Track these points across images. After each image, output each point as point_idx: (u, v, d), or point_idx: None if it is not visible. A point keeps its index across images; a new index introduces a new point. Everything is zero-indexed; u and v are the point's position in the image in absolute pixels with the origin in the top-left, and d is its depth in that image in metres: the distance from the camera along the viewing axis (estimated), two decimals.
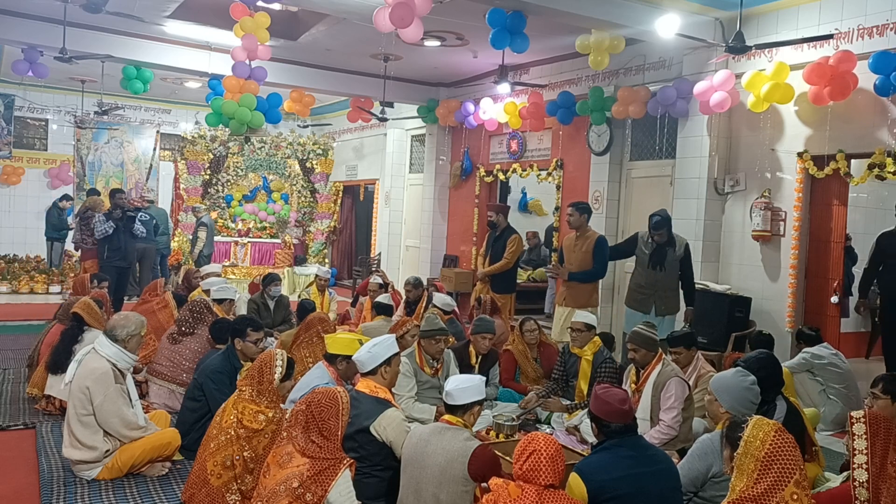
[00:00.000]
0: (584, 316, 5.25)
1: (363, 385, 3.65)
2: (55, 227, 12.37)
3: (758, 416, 2.70)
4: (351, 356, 4.00)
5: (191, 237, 11.84)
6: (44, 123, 13.64)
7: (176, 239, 12.57)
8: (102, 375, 3.96)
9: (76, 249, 10.98)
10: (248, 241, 13.27)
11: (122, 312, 4.47)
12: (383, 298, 6.85)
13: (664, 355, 4.59)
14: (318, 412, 3.16)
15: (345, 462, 3.13)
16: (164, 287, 7.27)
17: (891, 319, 6.25)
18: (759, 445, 2.52)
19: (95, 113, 12.11)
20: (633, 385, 4.59)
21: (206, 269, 8.32)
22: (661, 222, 6.13)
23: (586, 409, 4.14)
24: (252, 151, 13.71)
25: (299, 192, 14.18)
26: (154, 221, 10.67)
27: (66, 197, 12.44)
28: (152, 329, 6.22)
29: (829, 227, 6.53)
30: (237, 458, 3.50)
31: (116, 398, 3.99)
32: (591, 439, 3.94)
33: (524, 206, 12.53)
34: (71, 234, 12.39)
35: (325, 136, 14.49)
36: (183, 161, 13.45)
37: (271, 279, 7.59)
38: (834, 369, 5.49)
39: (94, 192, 10.98)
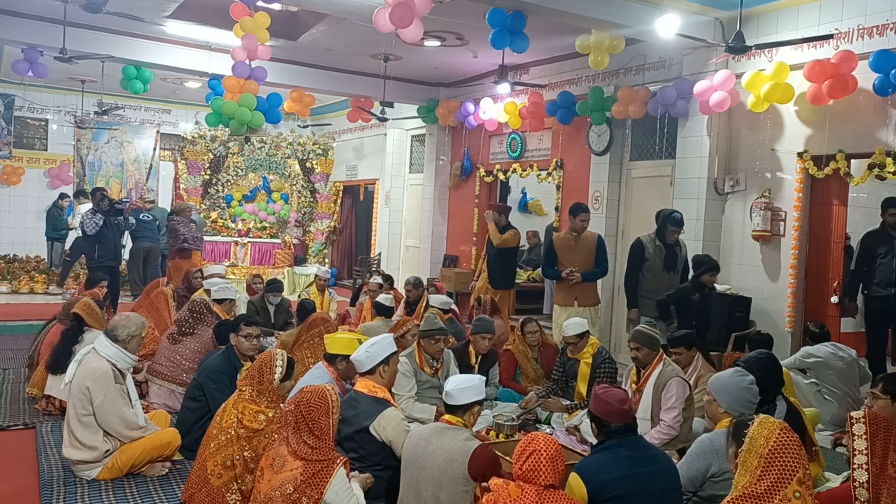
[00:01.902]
0: (574, 327, 5.22)
1: (362, 385, 3.65)
2: (55, 227, 12.35)
3: (763, 415, 2.71)
4: (350, 356, 4.00)
5: None
6: (44, 123, 13.64)
7: None
8: (102, 376, 3.96)
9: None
10: (248, 241, 13.27)
11: (123, 313, 4.47)
12: (384, 299, 6.84)
13: (665, 355, 4.59)
14: (307, 412, 3.12)
15: (338, 461, 3.10)
16: (165, 286, 7.29)
17: (876, 321, 6.19)
18: (763, 443, 2.52)
19: (95, 113, 12.11)
20: (633, 385, 4.60)
21: (208, 269, 8.33)
22: (682, 220, 6.13)
23: (586, 410, 4.14)
24: (252, 151, 13.71)
25: (299, 192, 14.18)
26: (157, 222, 10.69)
27: (63, 195, 12.41)
28: (153, 320, 6.26)
29: (829, 227, 6.53)
30: (237, 457, 3.50)
31: (116, 398, 3.99)
32: (591, 439, 3.94)
33: (524, 206, 12.53)
34: (71, 233, 12.40)
35: (325, 136, 14.49)
36: (183, 161, 13.45)
37: (273, 287, 7.58)
38: (830, 370, 5.47)
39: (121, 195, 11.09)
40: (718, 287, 6.76)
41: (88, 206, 11.05)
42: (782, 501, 2.46)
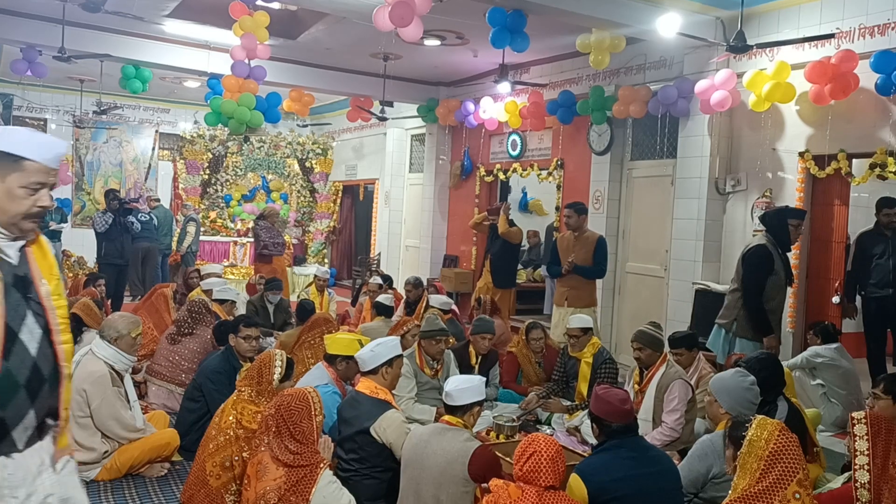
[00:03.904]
0: (579, 321, 5.22)
1: (364, 385, 3.64)
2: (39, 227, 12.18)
3: (761, 416, 2.70)
4: (350, 357, 3.99)
5: (179, 231, 11.91)
6: (42, 123, 13.59)
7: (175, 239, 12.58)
8: (100, 378, 3.95)
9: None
10: (248, 241, 13.25)
11: (118, 313, 4.46)
12: (384, 299, 6.83)
13: (668, 356, 4.57)
14: (288, 415, 3.05)
15: (322, 465, 3.04)
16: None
17: (874, 322, 6.16)
18: (763, 445, 2.52)
19: (94, 112, 12.08)
20: (636, 386, 4.58)
21: (206, 268, 8.33)
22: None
23: (587, 410, 4.13)
24: (251, 151, 13.69)
25: (298, 191, 14.16)
26: (154, 222, 10.68)
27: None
28: (153, 322, 6.27)
29: (830, 226, 6.51)
30: (236, 458, 3.48)
31: (114, 401, 3.98)
32: (592, 440, 3.92)
33: (524, 206, 12.52)
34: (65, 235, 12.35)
35: (324, 135, 14.47)
36: (182, 161, 13.43)
37: (273, 286, 7.57)
38: (836, 371, 5.46)
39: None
40: (718, 287, 6.75)
41: None
42: (782, 502, 2.45)
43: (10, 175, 1.91)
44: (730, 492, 2.60)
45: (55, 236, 12.18)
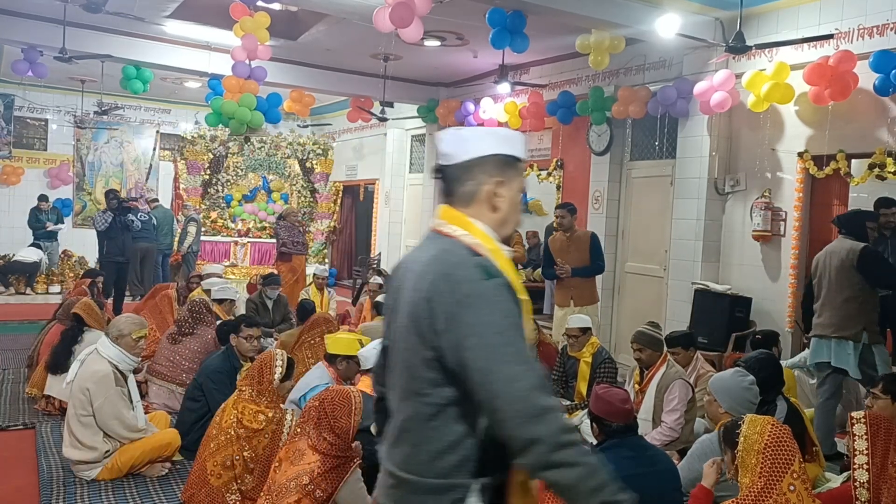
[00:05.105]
0: (578, 321, 5.24)
1: (365, 384, 3.66)
2: (33, 230, 12.03)
3: (751, 415, 2.72)
4: (351, 356, 4.01)
5: (180, 231, 11.95)
6: (43, 123, 13.62)
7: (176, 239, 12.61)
8: (103, 378, 3.96)
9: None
10: (248, 241, 13.27)
11: (126, 314, 4.49)
12: (384, 298, 6.84)
13: (668, 357, 4.58)
14: (330, 409, 3.18)
15: (355, 461, 3.16)
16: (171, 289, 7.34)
17: None
18: (757, 439, 2.55)
19: (95, 113, 12.10)
20: (636, 386, 4.60)
21: (207, 269, 8.36)
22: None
23: (586, 410, 4.14)
24: (252, 151, 13.71)
25: (299, 191, 14.18)
26: (154, 222, 10.70)
27: (42, 197, 12.29)
28: (156, 323, 6.30)
29: (829, 227, 6.51)
30: (237, 458, 3.50)
31: (116, 401, 3.99)
32: (592, 440, 3.93)
33: (524, 206, 12.52)
34: (60, 234, 12.32)
35: (324, 135, 14.49)
36: (183, 161, 13.44)
37: (271, 281, 7.59)
38: None
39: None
40: (718, 287, 6.77)
41: None
42: (780, 496, 2.47)
43: (515, 180, 1.68)
44: (739, 491, 2.62)
45: (52, 237, 12.19)
